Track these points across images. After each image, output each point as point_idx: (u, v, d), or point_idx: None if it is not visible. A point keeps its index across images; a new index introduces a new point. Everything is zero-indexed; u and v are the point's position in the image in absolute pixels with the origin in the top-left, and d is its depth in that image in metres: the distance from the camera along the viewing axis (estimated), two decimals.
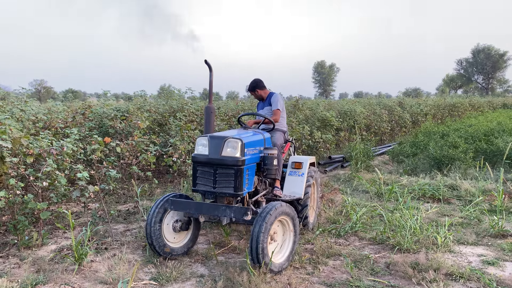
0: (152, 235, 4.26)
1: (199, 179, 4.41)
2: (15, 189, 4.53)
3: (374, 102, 18.32)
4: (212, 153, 4.29)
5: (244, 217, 4.05)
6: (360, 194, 7.67)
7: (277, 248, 4.17)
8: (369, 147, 10.78)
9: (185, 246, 4.60)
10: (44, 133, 5.80)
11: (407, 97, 31.30)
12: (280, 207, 4.04)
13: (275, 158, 4.74)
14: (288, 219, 4.21)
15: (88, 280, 3.93)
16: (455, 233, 5.28)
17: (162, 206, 4.36)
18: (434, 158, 9.44)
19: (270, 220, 3.87)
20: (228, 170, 4.25)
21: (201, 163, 4.37)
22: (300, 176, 5.18)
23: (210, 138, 4.36)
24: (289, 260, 4.22)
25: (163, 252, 4.36)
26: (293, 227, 4.27)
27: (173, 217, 4.55)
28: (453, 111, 23.37)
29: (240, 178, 4.24)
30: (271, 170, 4.75)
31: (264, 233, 3.80)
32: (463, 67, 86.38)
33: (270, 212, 3.90)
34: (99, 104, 9.17)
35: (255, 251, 3.79)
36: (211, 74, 4.79)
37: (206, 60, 4.74)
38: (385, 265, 4.35)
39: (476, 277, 3.98)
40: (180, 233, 4.62)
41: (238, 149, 4.26)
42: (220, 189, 4.29)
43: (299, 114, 11.99)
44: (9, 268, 4.17)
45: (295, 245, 4.28)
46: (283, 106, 5.65)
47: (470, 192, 7.32)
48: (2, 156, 4.54)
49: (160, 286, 3.85)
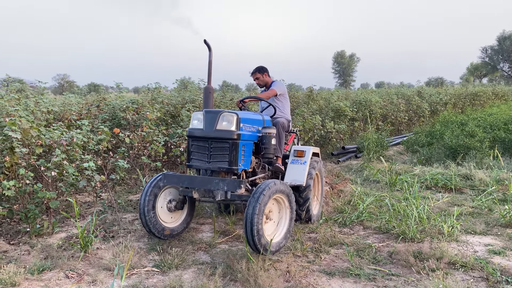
0: (148, 223, 4.29)
1: (193, 154, 4.35)
2: (25, 179, 4.67)
3: (392, 92, 18.02)
4: (207, 127, 4.24)
5: (237, 190, 3.97)
6: (371, 184, 7.60)
7: (274, 226, 4.14)
8: (383, 137, 10.64)
9: (184, 222, 4.64)
10: (57, 124, 5.96)
11: (428, 86, 30.68)
12: (274, 185, 3.98)
13: (273, 137, 4.66)
14: (283, 196, 4.18)
15: (93, 266, 4.04)
16: (464, 223, 5.19)
17: (152, 192, 4.34)
18: (449, 147, 9.26)
19: (264, 201, 3.83)
20: (223, 144, 4.20)
21: (196, 138, 4.32)
22: (302, 164, 5.10)
23: (206, 112, 4.32)
24: (287, 238, 4.19)
25: (164, 235, 4.39)
26: (289, 204, 4.24)
27: (166, 199, 4.54)
28: (475, 100, 22.77)
29: (235, 153, 4.18)
30: (269, 149, 4.65)
31: (258, 214, 3.76)
32: (488, 55, 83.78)
33: (263, 192, 3.85)
34: (113, 97, 9.32)
35: (250, 233, 3.78)
36: (210, 54, 4.66)
37: (205, 40, 4.63)
38: (388, 254, 4.32)
39: (479, 267, 3.91)
40: (176, 212, 4.63)
41: (234, 123, 4.21)
42: (214, 164, 4.22)
43: (313, 104, 11.91)
44: (19, 255, 4.32)
45: (292, 222, 4.26)
46: (285, 93, 5.58)
47: (485, 182, 7.17)
48: (12, 147, 4.69)
49: (162, 273, 3.92)
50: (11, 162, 4.73)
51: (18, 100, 6.96)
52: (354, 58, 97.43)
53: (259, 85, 5.71)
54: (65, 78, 62.09)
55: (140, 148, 6.77)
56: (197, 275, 3.82)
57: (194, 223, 5.36)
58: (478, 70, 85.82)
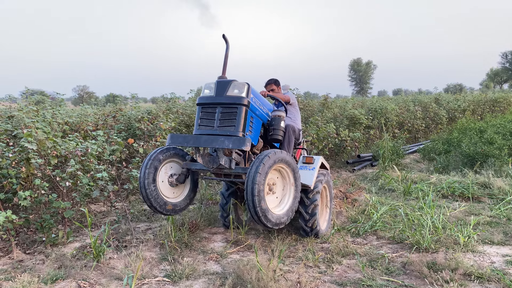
0: (149, 196, 4.15)
1: (201, 121, 4.28)
2: (40, 189, 4.76)
3: (409, 99, 17.81)
4: (218, 93, 4.22)
5: (242, 147, 3.81)
6: (386, 193, 7.49)
7: (276, 201, 4.09)
8: (399, 145, 10.50)
9: (187, 198, 4.55)
10: (73, 135, 6.07)
11: (447, 93, 30.19)
12: (280, 153, 3.92)
13: (282, 120, 4.66)
14: (288, 169, 4.10)
15: (105, 276, 4.07)
16: (481, 233, 5.06)
17: (152, 165, 4.21)
18: (467, 155, 9.08)
19: (269, 163, 3.75)
20: (232, 109, 4.15)
21: (206, 105, 4.28)
22: (310, 170, 4.98)
23: (218, 81, 4.31)
24: (288, 216, 4.10)
25: (166, 210, 4.30)
26: (294, 181, 4.16)
27: (167, 173, 4.43)
28: (495, 107, 22.30)
29: (244, 120, 4.13)
30: (278, 130, 4.63)
31: (261, 174, 3.66)
32: (509, 60, 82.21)
33: (268, 155, 3.79)
34: (129, 108, 9.45)
35: (250, 193, 3.65)
36: (227, 47, 4.61)
37: (224, 35, 4.62)
38: (401, 265, 4.24)
39: (496, 278, 3.80)
40: (178, 187, 4.53)
41: (244, 90, 4.19)
42: (222, 129, 4.14)
43: (327, 112, 11.85)
44: (34, 264, 4.39)
45: (295, 201, 4.18)
46: (295, 102, 5.57)
47: (504, 190, 7.00)
48: (28, 158, 4.79)
49: (173, 283, 3.93)
50: (27, 173, 4.83)
51: (36, 112, 7.13)
52: (370, 65, 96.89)
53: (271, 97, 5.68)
54: (85, 89, 63.38)
55: None
56: (207, 286, 3.82)
57: (207, 233, 5.37)
58: (498, 75, 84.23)
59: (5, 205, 5.12)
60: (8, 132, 5.99)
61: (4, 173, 4.75)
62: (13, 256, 4.62)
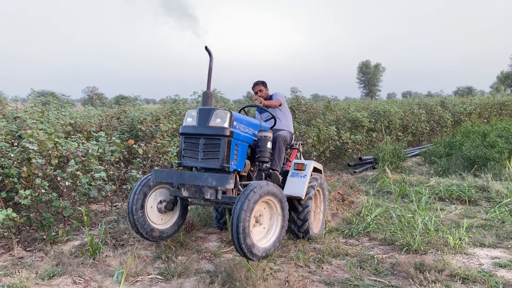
0: (136, 223, 4.16)
1: (185, 152, 4.25)
2: (41, 188, 4.90)
3: (413, 102, 17.79)
4: (200, 123, 4.16)
5: (226, 185, 3.78)
6: (384, 196, 7.55)
7: (263, 232, 4.02)
8: (400, 148, 10.54)
9: (175, 225, 4.50)
10: (76, 136, 6.23)
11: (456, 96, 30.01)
12: (266, 186, 3.84)
13: (268, 141, 4.57)
14: (275, 201, 4.04)
15: (100, 273, 4.20)
16: (473, 235, 5.11)
17: (141, 191, 4.23)
18: (467, 158, 9.09)
19: (254, 198, 3.67)
20: (215, 141, 4.10)
21: (188, 135, 4.24)
22: (302, 177, 4.97)
23: (200, 110, 4.25)
24: (275, 246, 4.02)
25: (152, 237, 4.28)
26: (281, 210, 4.09)
27: (156, 199, 4.41)
28: (502, 110, 22.14)
29: (227, 151, 4.07)
30: (264, 152, 4.55)
31: (246, 211, 3.59)
32: None
33: (254, 190, 3.70)
34: (132, 109, 9.63)
35: (235, 230, 3.58)
36: (211, 60, 4.59)
37: (206, 47, 4.57)
38: (390, 266, 4.31)
39: (482, 280, 3.86)
40: (167, 213, 4.48)
41: (227, 120, 4.11)
42: (205, 162, 4.11)
43: (330, 115, 11.92)
44: (33, 261, 4.54)
45: (283, 230, 4.10)
46: (286, 105, 5.53)
47: (501, 194, 7.02)
48: (29, 158, 4.95)
49: (165, 280, 4.04)
50: (28, 172, 4.99)
51: (41, 113, 7.32)
52: (379, 67, 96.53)
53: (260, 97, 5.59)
54: (94, 91, 64.09)
55: (154, 159, 6.97)
56: (197, 284, 3.92)
57: (202, 233, 5.48)
58: (509, 78, 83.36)
59: (8, 203, 5.29)
60: (13, 133, 6.18)
61: (6, 172, 4.91)
62: (14, 253, 4.76)
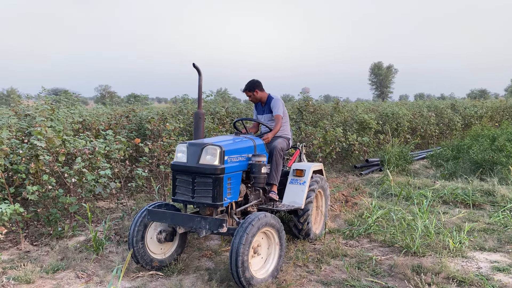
0: (136, 254, 4.14)
1: (178, 188, 4.23)
2: (48, 185, 5.03)
3: (423, 104, 17.68)
4: (190, 161, 4.11)
5: (219, 230, 3.82)
6: (388, 198, 7.55)
7: (261, 262, 3.99)
8: (407, 150, 10.51)
9: (174, 254, 4.49)
10: (84, 134, 6.36)
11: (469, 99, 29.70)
12: (264, 217, 3.82)
13: (263, 166, 4.46)
14: (273, 231, 3.99)
15: (102, 268, 4.31)
16: (474, 239, 5.11)
17: (141, 222, 4.19)
18: (475, 162, 9.04)
19: (252, 231, 3.67)
20: (206, 179, 4.03)
21: (180, 172, 4.20)
22: (301, 184, 4.90)
23: (189, 145, 4.18)
24: (274, 276, 3.99)
25: (151, 267, 4.26)
26: (279, 240, 4.05)
27: (156, 229, 4.37)
28: None
29: (219, 188, 4.01)
30: (259, 178, 4.46)
31: (244, 244, 3.58)
32: None
33: (252, 223, 3.69)
34: (141, 108, 9.76)
35: (234, 264, 3.58)
36: (200, 79, 4.59)
37: (194, 64, 4.55)
38: (388, 267, 4.35)
39: (479, 283, 3.88)
40: (166, 243, 4.45)
41: (217, 157, 4.02)
42: (198, 199, 4.07)
43: (337, 117, 11.93)
44: (39, 255, 4.67)
45: (280, 259, 4.07)
46: (285, 111, 5.34)
47: (507, 198, 6.98)
48: (37, 155, 5.08)
49: (165, 277, 4.13)
50: (36, 169, 5.12)
51: (52, 111, 7.48)
52: (391, 69, 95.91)
53: (253, 100, 5.39)
54: (107, 89, 64.80)
55: (161, 157, 7.08)
56: (196, 280, 4.01)
57: None
58: None
59: (16, 199, 5.43)
60: (23, 130, 6.34)
61: (15, 168, 5.05)
62: (21, 247, 4.90)
